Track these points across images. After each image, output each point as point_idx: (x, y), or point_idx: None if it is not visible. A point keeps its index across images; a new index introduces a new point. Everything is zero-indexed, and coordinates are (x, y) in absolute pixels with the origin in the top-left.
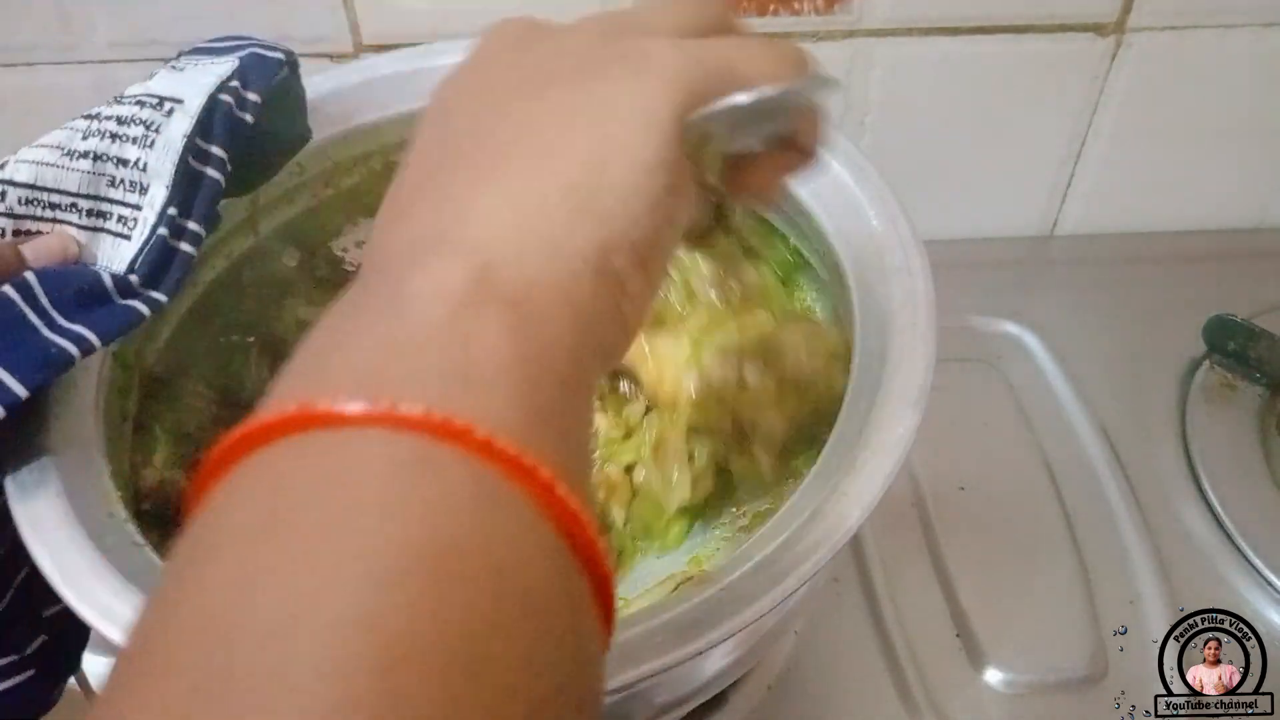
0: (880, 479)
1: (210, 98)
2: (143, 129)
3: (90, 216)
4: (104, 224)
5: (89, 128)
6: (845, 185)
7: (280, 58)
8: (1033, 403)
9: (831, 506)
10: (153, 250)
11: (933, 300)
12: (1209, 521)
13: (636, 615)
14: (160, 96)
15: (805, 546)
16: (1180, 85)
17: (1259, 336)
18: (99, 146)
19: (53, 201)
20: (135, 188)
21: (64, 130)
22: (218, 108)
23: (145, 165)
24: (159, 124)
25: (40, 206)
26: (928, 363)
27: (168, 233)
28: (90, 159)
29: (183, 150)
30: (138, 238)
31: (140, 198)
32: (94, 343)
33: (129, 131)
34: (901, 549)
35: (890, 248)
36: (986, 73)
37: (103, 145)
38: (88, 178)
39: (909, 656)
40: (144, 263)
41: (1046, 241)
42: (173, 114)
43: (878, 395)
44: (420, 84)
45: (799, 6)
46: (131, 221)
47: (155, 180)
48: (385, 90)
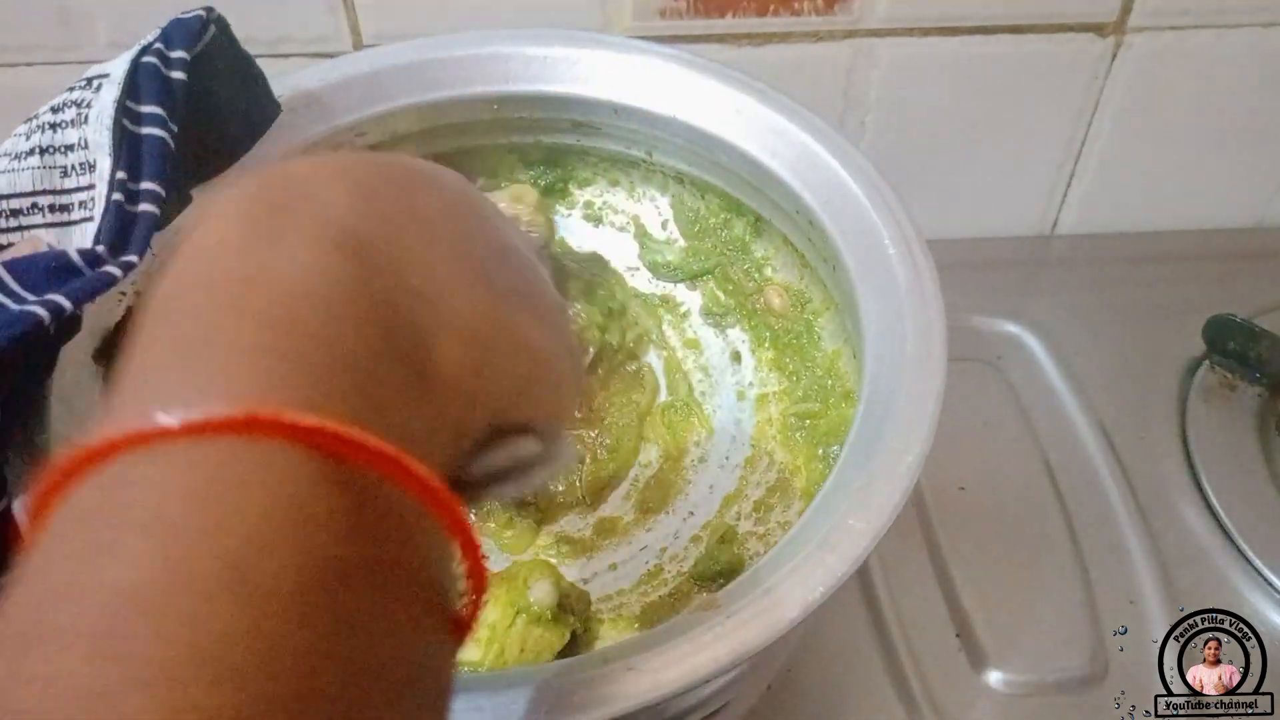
0: (888, 510)
1: (133, 63)
2: (75, 110)
3: (54, 212)
4: (69, 216)
5: (29, 128)
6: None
7: (200, 14)
8: (1033, 403)
9: (840, 537)
10: (112, 218)
11: (944, 329)
12: (1209, 521)
13: (641, 639)
14: (89, 78)
15: (814, 577)
16: (1180, 85)
17: (1259, 336)
18: (41, 140)
19: (13, 208)
20: (85, 168)
21: (8, 140)
22: (142, 70)
23: (86, 142)
24: (89, 100)
25: (3, 216)
26: (937, 393)
27: (122, 197)
28: (38, 154)
29: (115, 115)
30: (97, 213)
31: (91, 175)
32: (64, 304)
33: (64, 116)
34: (901, 549)
35: (903, 270)
36: (986, 73)
37: (45, 138)
38: (40, 173)
39: (909, 656)
40: (106, 232)
41: (1046, 241)
42: (101, 88)
43: (885, 424)
44: (430, 74)
45: (799, 6)
46: (90, 203)
47: (98, 152)
48: (394, 81)
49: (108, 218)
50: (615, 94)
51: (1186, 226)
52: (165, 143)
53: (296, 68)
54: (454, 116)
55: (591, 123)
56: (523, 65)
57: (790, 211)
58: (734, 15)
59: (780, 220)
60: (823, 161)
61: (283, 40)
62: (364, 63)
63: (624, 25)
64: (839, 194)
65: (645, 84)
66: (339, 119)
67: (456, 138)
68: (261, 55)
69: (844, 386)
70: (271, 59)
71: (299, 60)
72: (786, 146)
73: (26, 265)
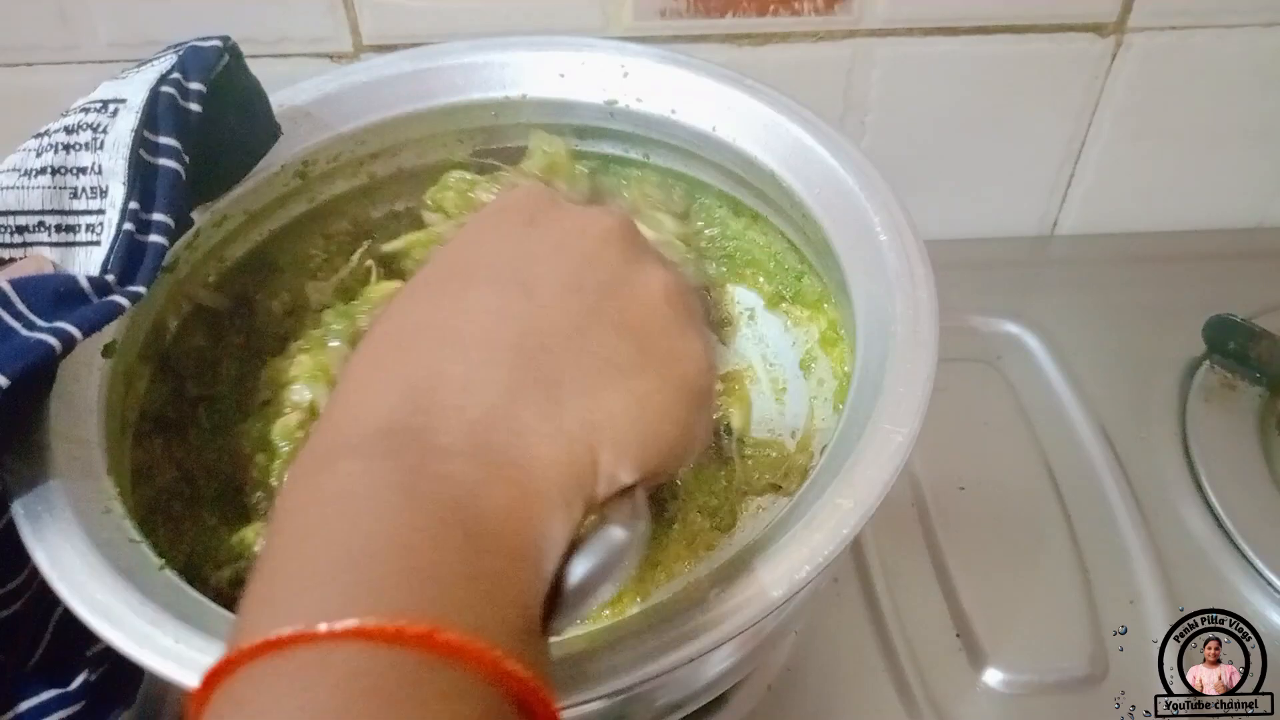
0: (877, 488)
1: (152, 92)
2: (91, 133)
3: (60, 232)
4: (74, 237)
5: (40, 144)
6: (849, 191)
7: (217, 45)
8: (1033, 403)
9: (827, 515)
10: (121, 247)
11: (935, 309)
12: (1209, 521)
13: (629, 621)
14: (104, 100)
15: (800, 556)
16: (1180, 85)
17: (1259, 336)
18: (54, 160)
19: (19, 225)
20: (96, 193)
21: (18, 153)
22: (160, 100)
23: (100, 168)
24: (106, 125)
25: (8, 232)
26: (928, 373)
27: (133, 228)
28: (49, 174)
29: (132, 145)
30: (106, 240)
31: (102, 201)
32: (74, 334)
33: (79, 139)
34: (901, 549)
35: (893, 255)
36: (986, 73)
37: (57, 159)
38: (49, 193)
39: (909, 656)
40: (115, 261)
41: (1046, 241)
42: (118, 114)
43: (877, 403)
44: (427, 83)
45: (799, 6)
46: (98, 227)
47: (112, 180)
48: (392, 90)
49: (119, 247)
50: (611, 96)
51: (1186, 226)
52: (179, 175)
53: (297, 68)
54: (453, 124)
55: (589, 126)
56: (517, 72)
57: (785, 206)
58: (734, 15)
59: (775, 215)
60: (816, 154)
61: (283, 40)
62: (362, 72)
63: (624, 25)
64: (830, 184)
65: (641, 85)
66: (340, 128)
67: (456, 145)
68: (262, 55)
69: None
70: (272, 59)
71: (299, 60)
72: (779, 140)
73: (35, 287)
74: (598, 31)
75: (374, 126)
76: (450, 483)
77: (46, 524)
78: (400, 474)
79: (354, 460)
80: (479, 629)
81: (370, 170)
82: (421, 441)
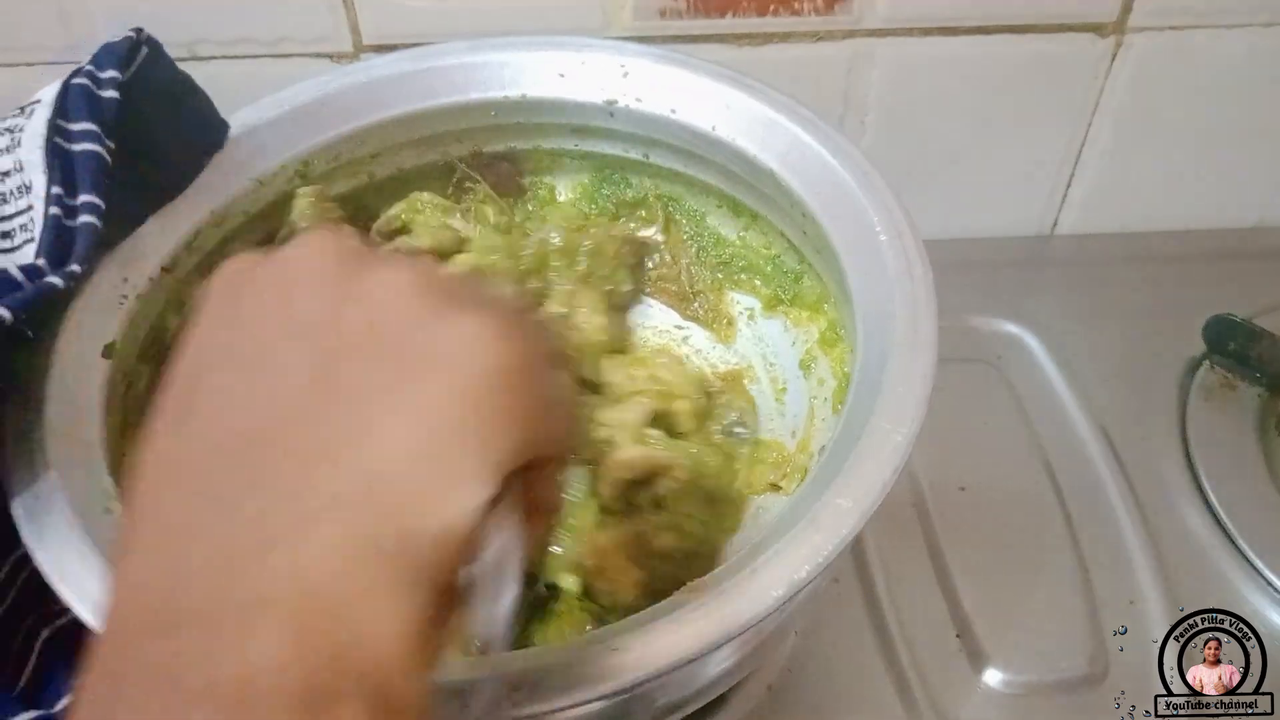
0: (877, 489)
1: (63, 86)
2: (9, 136)
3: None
4: (12, 243)
5: None
6: (849, 191)
7: (130, 36)
8: (1033, 403)
9: (827, 515)
10: (49, 232)
11: (935, 310)
12: (1209, 521)
13: (629, 621)
14: (21, 106)
15: (800, 556)
16: (1180, 85)
17: (1259, 336)
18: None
19: None
20: (22, 190)
21: None
22: (71, 91)
23: (21, 165)
24: (22, 125)
25: None
26: (927, 373)
27: (60, 212)
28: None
29: (46, 135)
30: (37, 231)
31: (29, 196)
32: (3, 315)
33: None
34: (901, 549)
35: (893, 255)
36: (986, 73)
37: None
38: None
39: (909, 656)
40: (45, 245)
41: (1046, 241)
42: (34, 113)
43: (876, 403)
44: (425, 83)
45: (799, 6)
46: (30, 224)
47: (33, 172)
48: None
49: (46, 233)
50: (610, 96)
51: (1186, 226)
52: (100, 157)
53: (297, 68)
54: (453, 124)
55: (589, 126)
56: (516, 72)
57: (784, 205)
58: (734, 15)
59: (775, 215)
60: (813, 151)
61: (283, 40)
62: (362, 72)
63: (624, 25)
64: (829, 182)
65: (641, 85)
66: (338, 129)
67: (455, 145)
68: (262, 55)
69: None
70: (272, 59)
71: (299, 60)
72: (778, 140)
73: None
74: (598, 31)
75: (374, 126)
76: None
77: (46, 524)
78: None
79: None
80: None
81: (370, 170)
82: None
